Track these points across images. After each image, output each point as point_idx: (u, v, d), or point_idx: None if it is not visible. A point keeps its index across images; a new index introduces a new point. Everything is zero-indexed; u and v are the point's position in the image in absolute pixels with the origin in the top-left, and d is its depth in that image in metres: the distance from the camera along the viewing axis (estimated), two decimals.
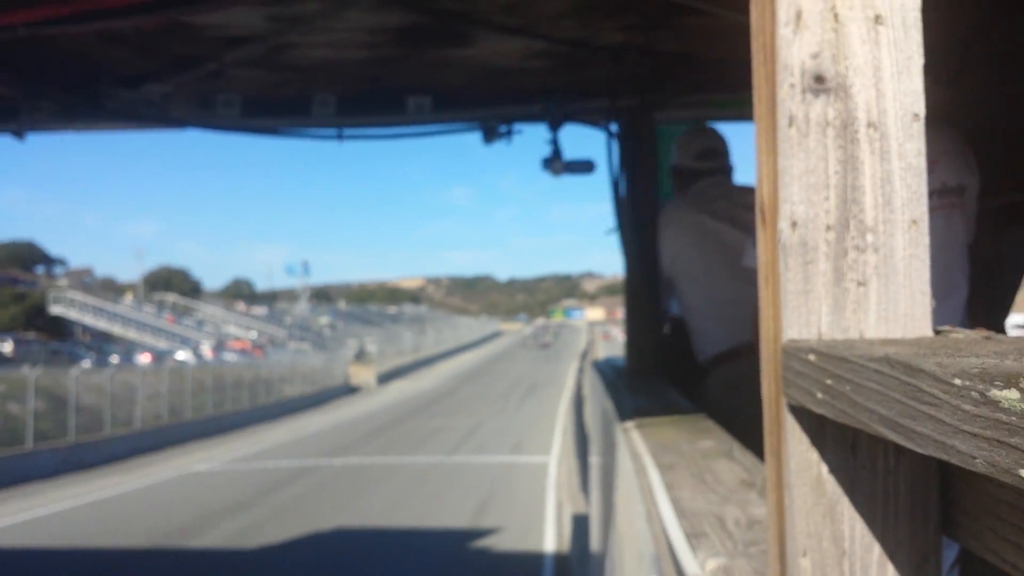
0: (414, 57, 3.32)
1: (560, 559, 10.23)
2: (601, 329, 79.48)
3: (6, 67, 2.92)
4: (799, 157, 0.63)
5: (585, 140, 4.02)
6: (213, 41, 3.07)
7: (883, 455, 0.59)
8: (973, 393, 0.39)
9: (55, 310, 53.39)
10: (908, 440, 0.46)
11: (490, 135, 3.50)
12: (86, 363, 28.58)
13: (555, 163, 3.57)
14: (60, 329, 53.48)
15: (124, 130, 3.85)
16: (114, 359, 35.93)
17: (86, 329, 53.56)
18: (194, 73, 3.24)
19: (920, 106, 0.62)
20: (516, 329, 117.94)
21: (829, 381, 0.55)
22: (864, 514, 0.60)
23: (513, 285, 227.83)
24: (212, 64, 3.16)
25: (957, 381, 0.41)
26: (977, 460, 0.40)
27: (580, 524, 7.56)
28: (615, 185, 3.41)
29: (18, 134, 3.23)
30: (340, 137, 3.61)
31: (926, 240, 0.61)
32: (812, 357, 0.58)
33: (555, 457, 18.45)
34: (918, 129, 0.62)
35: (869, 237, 0.62)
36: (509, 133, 3.53)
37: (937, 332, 0.61)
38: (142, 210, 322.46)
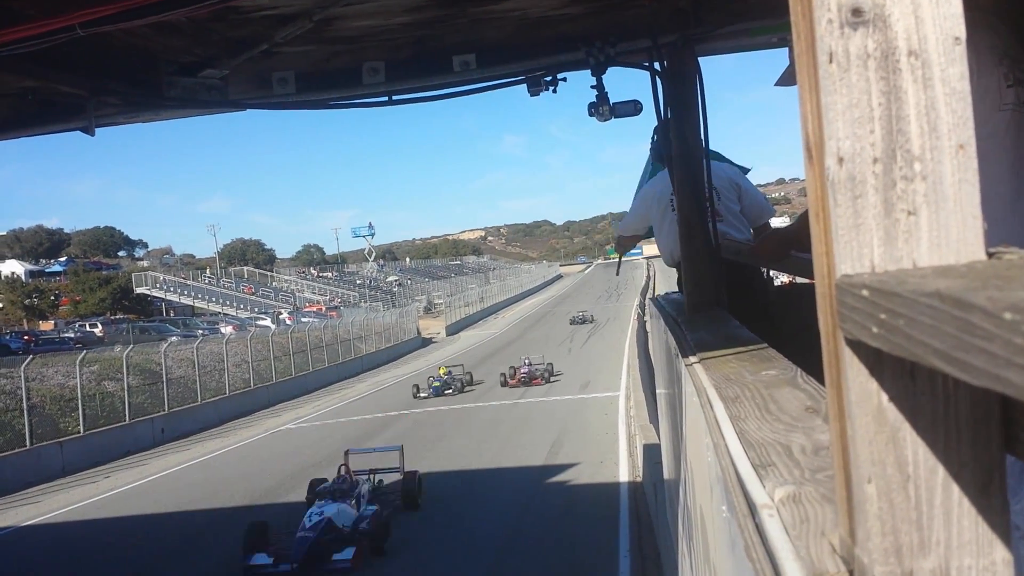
0: (456, 15, 3.30)
1: (634, 487, 10.39)
2: (658, 263, 76.64)
3: (71, 67, 3.05)
4: (841, 92, 0.62)
5: (631, 80, 3.95)
6: (263, 22, 3.13)
7: (942, 380, 0.58)
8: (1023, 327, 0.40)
9: (140, 290, 55.91)
10: (962, 372, 0.47)
11: (535, 86, 3.47)
12: (173, 338, 29.90)
13: (601, 108, 3.52)
14: (146, 307, 56.14)
15: (187, 116, 3.97)
16: (199, 332, 37.48)
17: (170, 305, 56.05)
18: (248, 55, 3.32)
19: (961, 29, 0.60)
20: (577, 271, 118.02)
21: (883, 316, 0.55)
22: (926, 438, 0.59)
23: (570, 228, 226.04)
24: (264, 44, 3.23)
25: (1007, 315, 0.41)
26: None
27: (651, 454, 7.65)
28: (663, 122, 3.36)
29: (88, 130, 3.39)
30: (390, 103, 3.66)
31: (974, 164, 0.61)
32: (865, 292, 0.58)
33: (623, 393, 18.53)
34: (960, 52, 0.60)
35: (917, 166, 0.61)
36: (554, 82, 3.49)
37: (991, 255, 0.60)
38: (213, 188, 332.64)
